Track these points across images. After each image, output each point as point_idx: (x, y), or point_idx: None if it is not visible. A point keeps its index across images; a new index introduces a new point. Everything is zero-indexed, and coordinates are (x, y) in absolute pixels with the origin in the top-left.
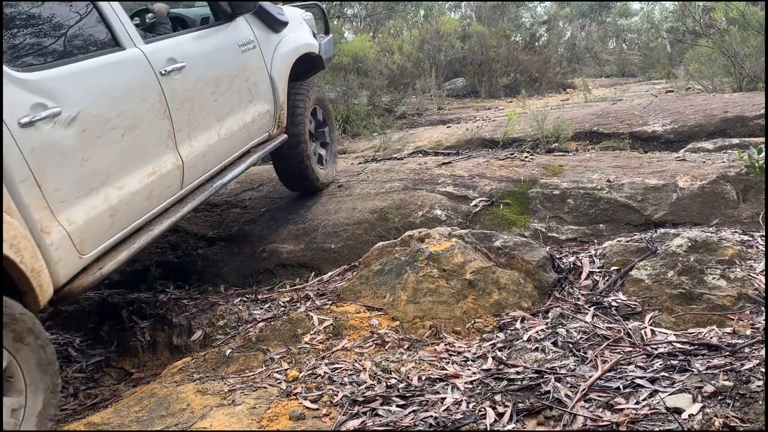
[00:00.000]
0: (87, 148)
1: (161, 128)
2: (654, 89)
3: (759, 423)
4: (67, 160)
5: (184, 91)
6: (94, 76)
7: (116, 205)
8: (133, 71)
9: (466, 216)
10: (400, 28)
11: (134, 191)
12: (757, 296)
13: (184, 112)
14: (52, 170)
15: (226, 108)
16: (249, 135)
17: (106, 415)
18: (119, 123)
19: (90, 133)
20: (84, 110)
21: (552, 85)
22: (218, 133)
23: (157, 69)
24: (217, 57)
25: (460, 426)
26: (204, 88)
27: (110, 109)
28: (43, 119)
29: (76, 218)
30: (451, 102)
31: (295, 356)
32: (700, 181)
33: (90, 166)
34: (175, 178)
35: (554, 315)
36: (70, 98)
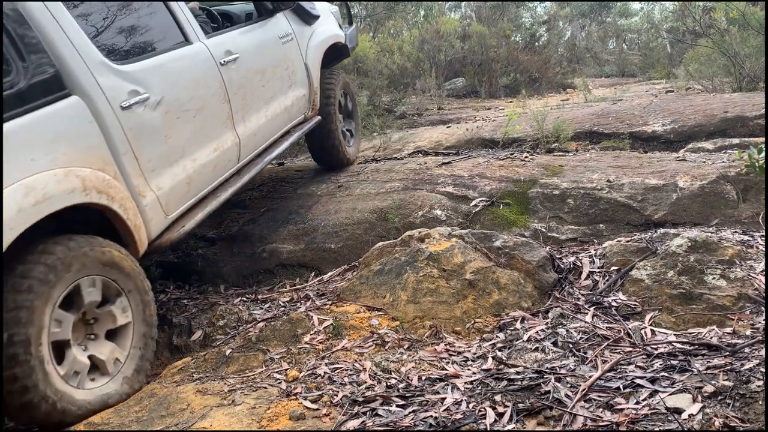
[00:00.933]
0: (169, 127)
1: (222, 111)
2: (654, 89)
3: (759, 423)
4: (155, 137)
5: (238, 79)
6: (171, 66)
7: (191, 175)
8: (199, 62)
9: (466, 216)
10: (400, 28)
11: (204, 163)
12: (757, 296)
13: (239, 97)
14: (145, 145)
15: (271, 93)
16: (289, 117)
17: (106, 415)
18: (191, 106)
19: (171, 114)
20: (165, 96)
21: (552, 85)
22: (265, 114)
23: (217, 60)
24: (263, 49)
25: (460, 426)
26: (254, 76)
27: (184, 95)
28: (137, 103)
29: (163, 185)
30: (451, 102)
31: (295, 356)
32: (700, 181)
33: (171, 142)
34: (234, 153)
35: (554, 315)
36: (155, 86)
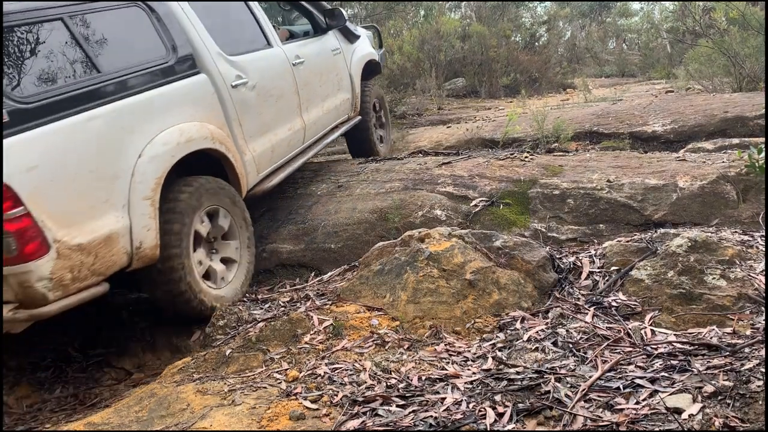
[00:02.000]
0: (260, 106)
1: (294, 101)
2: (654, 89)
3: (759, 423)
4: (251, 111)
5: (305, 78)
6: (261, 62)
7: (274, 145)
8: (279, 62)
9: (466, 216)
10: (400, 28)
11: (282, 138)
12: (757, 296)
13: (305, 92)
14: (245, 116)
15: (326, 92)
16: (337, 114)
17: (106, 415)
18: (274, 93)
19: (261, 97)
20: (258, 83)
21: (552, 85)
22: (322, 109)
23: (290, 61)
24: (320, 57)
25: (460, 426)
26: (314, 77)
27: (270, 84)
28: (240, 84)
29: (256, 149)
30: (451, 102)
31: (295, 356)
32: (700, 181)
33: (262, 117)
34: (301, 134)
35: (554, 315)
36: (251, 74)
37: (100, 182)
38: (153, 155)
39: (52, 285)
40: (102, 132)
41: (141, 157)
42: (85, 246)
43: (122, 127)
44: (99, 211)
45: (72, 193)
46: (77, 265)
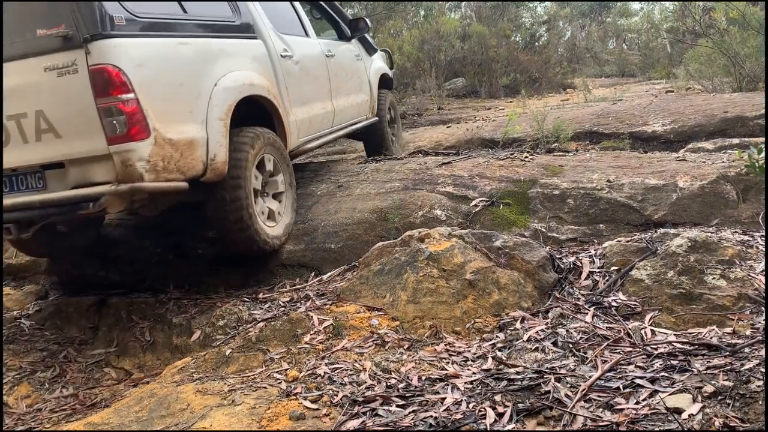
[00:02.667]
0: (302, 79)
1: (326, 85)
2: (654, 89)
3: (759, 423)
4: (295, 82)
5: (334, 70)
6: (302, 45)
7: (310, 117)
8: (315, 49)
9: (466, 216)
10: (400, 28)
11: (316, 114)
12: (757, 296)
13: (335, 82)
14: (290, 84)
15: (350, 88)
16: (358, 111)
17: (106, 415)
18: (312, 73)
19: (303, 72)
20: (300, 60)
21: (552, 85)
22: (346, 101)
23: (323, 53)
24: (346, 57)
25: (460, 426)
26: (342, 72)
27: (309, 64)
28: (287, 57)
29: (297, 115)
30: (451, 102)
31: (295, 356)
32: (700, 181)
33: (302, 90)
34: (331, 116)
35: (554, 315)
36: (295, 51)
37: (186, 95)
38: (225, 87)
39: (148, 167)
40: (190, 57)
41: (216, 86)
42: (175, 142)
43: (205, 58)
44: (185, 118)
45: (167, 96)
46: (167, 156)
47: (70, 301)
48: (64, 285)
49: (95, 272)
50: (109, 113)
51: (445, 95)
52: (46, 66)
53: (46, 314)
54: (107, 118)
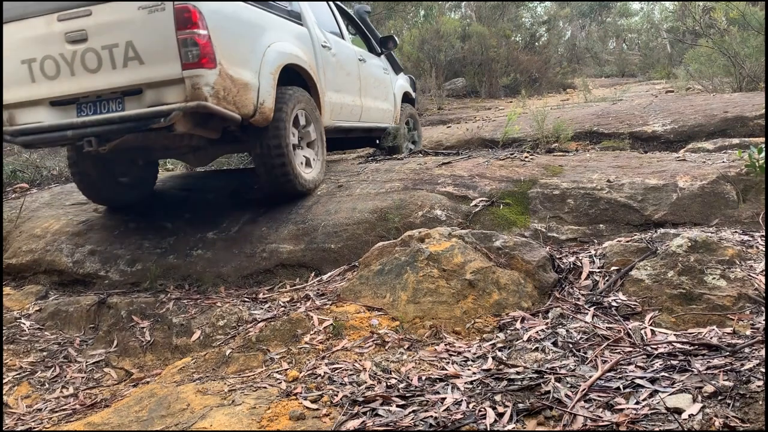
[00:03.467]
0: (337, 70)
1: (357, 84)
2: (654, 89)
3: (759, 423)
4: (331, 70)
5: (365, 73)
6: (338, 42)
7: (342, 104)
8: (350, 50)
9: (466, 216)
10: (400, 28)
11: (347, 103)
12: (757, 296)
13: (364, 83)
14: (327, 71)
15: (377, 94)
16: (383, 117)
17: (106, 415)
18: (345, 69)
19: (339, 64)
20: (336, 54)
21: (552, 85)
22: (373, 104)
23: (357, 56)
24: (375, 68)
25: (460, 426)
26: (371, 78)
27: (344, 60)
28: (326, 47)
29: (331, 99)
30: (451, 102)
31: (295, 356)
32: (700, 181)
33: (336, 79)
34: (359, 110)
35: (554, 315)
36: (332, 45)
37: (246, 47)
38: (276, 50)
39: (212, 92)
40: (252, 19)
41: (269, 48)
42: (234, 79)
43: (263, 24)
44: (243, 65)
45: (231, 42)
46: (227, 88)
47: (70, 301)
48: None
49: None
50: (185, 44)
51: (445, 95)
52: (139, 6)
53: (46, 314)
54: (184, 47)
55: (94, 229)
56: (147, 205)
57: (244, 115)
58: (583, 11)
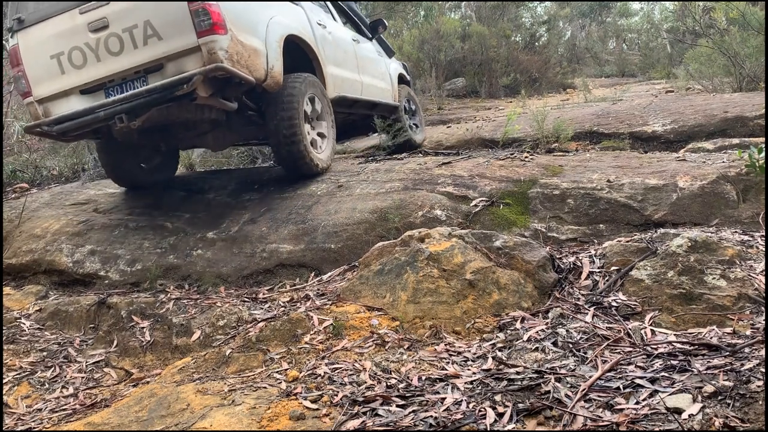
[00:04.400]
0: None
1: (354, 61)
2: (654, 89)
3: (759, 423)
4: (329, 46)
5: (360, 53)
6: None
7: (343, 78)
8: (344, 31)
9: (466, 216)
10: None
11: (347, 78)
12: (757, 296)
13: (361, 62)
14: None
15: (374, 73)
16: (382, 95)
17: (106, 415)
18: (342, 46)
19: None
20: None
21: (552, 85)
22: (371, 81)
23: (351, 37)
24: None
25: (460, 426)
26: (366, 58)
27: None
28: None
29: (331, 72)
30: (451, 102)
31: (295, 356)
32: (700, 181)
33: (335, 54)
34: (359, 85)
35: (554, 315)
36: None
37: (251, 17)
38: (278, 22)
39: (227, 56)
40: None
41: (272, 20)
42: (245, 45)
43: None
44: (251, 32)
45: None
46: (240, 52)
47: (70, 301)
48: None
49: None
50: (198, 14)
51: (445, 95)
52: None
53: (46, 314)
54: (197, 17)
55: (94, 229)
56: (147, 205)
57: (257, 79)
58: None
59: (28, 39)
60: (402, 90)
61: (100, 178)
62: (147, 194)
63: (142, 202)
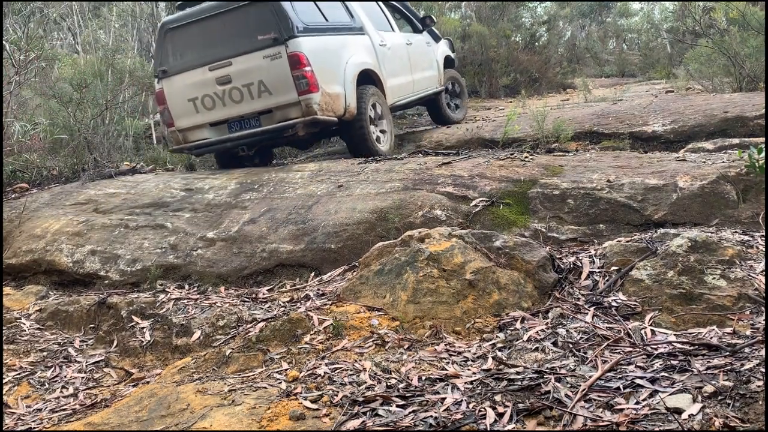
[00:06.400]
0: (392, 60)
1: (407, 64)
2: (654, 89)
3: (759, 423)
4: (388, 62)
5: (413, 53)
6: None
7: (399, 86)
8: (400, 40)
9: (466, 216)
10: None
11: (402, 83)
12: (757, 296)
13: (413, 61)
14: (385, 63)
15: (423, 66)
16: (429, 83)
17: (106, 415)
18: (398, 55)
19: (393, 55)
20: (391, 47)
21: (552, 85)
22: (422, 75)
23: (405, 42)
24: (420, 45)
25: (460, 426)
26: (417, 55)
27: (397, 50)
28: (383, 46)
29: (390, 84)
30: None
31: (295, 356)
32: (700, 181)
33: (393, 67)
34: (411, 85)
35: (554, 315)
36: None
37: (333, 68)
38: (353, 63)
39: (318, 108)
40: (334, 46)
41: (347, 63)
42: (330, 94)
43: (341, 47)
44: (333, 81)
45: (324, 69)
46: (327, 102)
47: (70, 301)
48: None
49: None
50: (298, 78)
51: None
52: (264, 56)
53: (46, 314)
54: (297, 81)
55: (94, 229)
56: (147, 205)
57: (338, 116)
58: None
59: (171, 85)
60: (447, 73)
61: (100, 178)
62: (147, 194)
63: (142, 202)
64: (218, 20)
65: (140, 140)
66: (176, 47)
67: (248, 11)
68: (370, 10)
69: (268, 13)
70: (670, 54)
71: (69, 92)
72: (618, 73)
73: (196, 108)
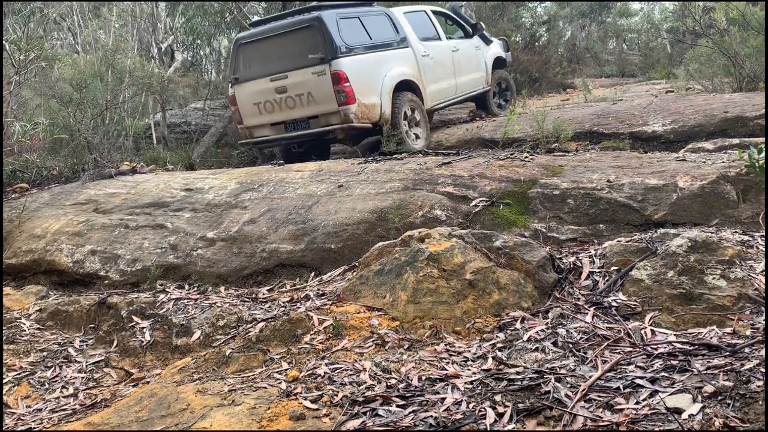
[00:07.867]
0: (434, 68)
1: (451, 69)
2: (654, 89)
3: (759, 423)
4: (430, 70)
5: (458, 59)
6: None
7: (439, 90)
8: (445, 48)
9: (466, 216)
10: None
11: (443, 88)
12: (757, 296)
13: (458, 67)
14: (427, 72)
15: (469, 70)
16: (475, 84)
17: (106, 415)
18: (442, 61)
19: (435, 64)
20: (434, 57)
21: (552, 85)
22: (466, 78)
23: (451, 50)
24: (467, 50)
25: (460, 426)
26: (463, 60)
27: (440, 58)
28: (426, 56)
29: (430, 90)
30: None
31: (295, 356)
32: (700, 181)
33: (434, 75)
34: (453, 89)
35: (554, 315)
36: (431, 51)
37: (371, 82)
38: (390, 76)
39: (354, 117)
40: (373, 63)
41: (385, 77)
42: (366, 105)
43: (379, 62)
44: (370, 93)
45: (362, 83)
46: (363, 111)
47: (70, 301)
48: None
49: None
50: (338, 92)
51: None
52: (312, 72)
53: (46, 314)
54: (338, 94)
55: (94, 229)
56: (147, 204)
57: (374, 123)
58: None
59: (241, 91)
60: (496, 73)
61: (100, 178)
62: (147, 194)
63: (142, 202)
64: (279, 39)
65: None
66: (246, 59)
67: (303, 33)
68: (417, 22)
69: (317, 36)
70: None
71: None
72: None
73: (260, 111)
